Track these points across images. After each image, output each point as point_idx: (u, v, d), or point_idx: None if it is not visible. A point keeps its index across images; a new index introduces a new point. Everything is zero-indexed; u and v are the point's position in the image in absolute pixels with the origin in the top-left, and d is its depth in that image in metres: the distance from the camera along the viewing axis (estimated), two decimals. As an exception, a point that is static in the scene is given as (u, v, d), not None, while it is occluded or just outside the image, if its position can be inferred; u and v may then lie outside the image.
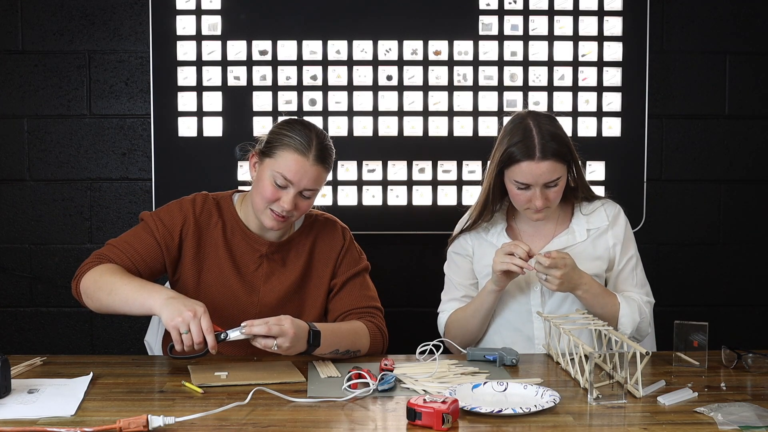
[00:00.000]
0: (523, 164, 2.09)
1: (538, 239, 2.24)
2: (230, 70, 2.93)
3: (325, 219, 2.25)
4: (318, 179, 2.04)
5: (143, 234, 2.09)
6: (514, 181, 2.13)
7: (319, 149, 2.03)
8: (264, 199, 2.04)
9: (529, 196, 2.12)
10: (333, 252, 2.19)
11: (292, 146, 2.01)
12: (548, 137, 2.10)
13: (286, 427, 1.54)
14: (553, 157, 2.09)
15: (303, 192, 2.03)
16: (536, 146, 2.09)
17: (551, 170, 2.10)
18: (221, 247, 2.12)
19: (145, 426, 1.50)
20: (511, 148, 2.11)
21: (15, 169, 2.98)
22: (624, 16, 2.98)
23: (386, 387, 1.75)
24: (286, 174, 2.01)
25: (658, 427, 1.54)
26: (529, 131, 2.11)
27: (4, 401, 1.65)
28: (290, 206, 2.01)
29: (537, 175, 2.09)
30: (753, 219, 3.11)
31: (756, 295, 3.13)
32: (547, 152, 2.08)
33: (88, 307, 2.00)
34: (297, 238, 2.18)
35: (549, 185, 2.12)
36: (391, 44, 2.95)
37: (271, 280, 2.14)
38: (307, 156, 2.01)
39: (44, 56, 2.96)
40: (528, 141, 2.09)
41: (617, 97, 3.00)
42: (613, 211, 2.26)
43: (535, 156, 2.08)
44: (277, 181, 2.02)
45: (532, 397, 1.68)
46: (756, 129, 3.08)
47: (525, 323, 2.21)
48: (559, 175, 2.12)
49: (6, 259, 3.00)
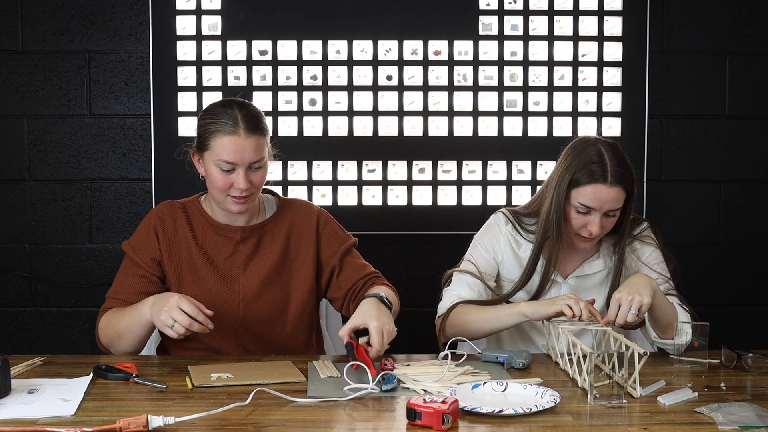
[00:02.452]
0: (591, 187, 2.04)
1: (569, 262, 2.21)
2: (230, 70, 2.93)
3: (299, 202, 2.27)
4: (258, 148, 2.05)
5: (132, 269, 2.15)
6: (577, 203, 2.07)
7: (246, 120, 2.04)
8: (219, 190, 2.07)
9: (587, 221, 2.07)
10: (311, 229, 2.20)
11: (220, 131, 2.03)
12: (618, 163, 2.05)
13: (286, 427, 1.54)
14: (621, 184, 2.05)
15: (251, 166, 2.05)
16: (609, 170, 2.03)
17: (618, 198, 2.05)
18: (193, 246, 2.15)
19: (145, 426, 1.50)
20: (581, 171, 2.05)
21: (15, 169, 2.98)
22: (624, 16, 2.98)
23: (390, 387, 1.75)
24: (227, 158, 2.02)
25: (658, 427, 1.54)
26: (602, 155, 2.06)
27: (4, 401, 1.65)
28: (245, 185, 2.04)
29: (603, 201, 2.04)
30: (753, 219, 3.11)
31: (756, 295, 3.13)
32: (616, 178, 2.04)
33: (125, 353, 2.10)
34: (271, 222, 2.20)
35: (609, 214, 2.07)
36: (391, 44, 2.95)
37: (249, 267, 2.15)
38: (238, 132, 2.02)
39: (44, 56, 2.96)
40: (601, 164, 2.04)
41: (617, 97, 3.00)
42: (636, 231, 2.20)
43: (608, 180, 2.03)
44: (223, 168, 2.04)
45: (532, 397, 1.68)
46: (756, 129, 3.08)
47: (526, 323, 2.20)
48: (621, 205, 2.07)
49: (6, 259, 3.00)
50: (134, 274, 2.13)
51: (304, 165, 2.95)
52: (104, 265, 3.01)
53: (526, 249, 2.20)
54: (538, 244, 2.15)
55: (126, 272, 2.15)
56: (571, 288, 2.18)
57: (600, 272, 2.20)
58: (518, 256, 2.21)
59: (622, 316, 1.89)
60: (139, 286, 2.12)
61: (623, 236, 2.16)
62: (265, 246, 2.18)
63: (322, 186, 2.96)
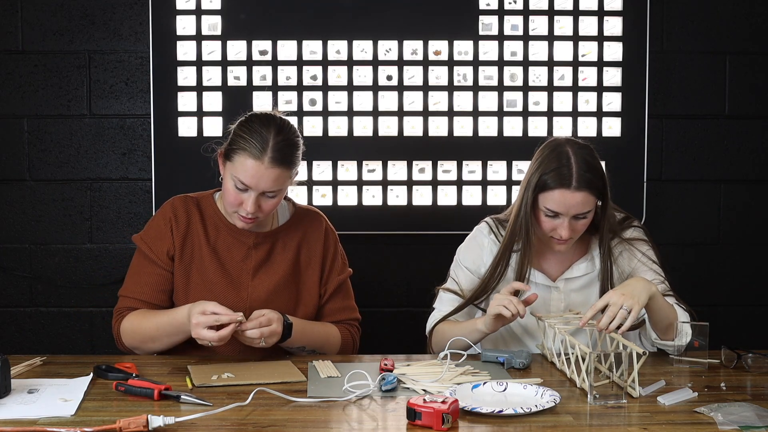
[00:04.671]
0: (557, 192, 2.03)
1: (557, 264, 2.21)
2: (230, 70, 2.93)
3: (312, 214, 2.25)
4: (277, 180, 2.01)
5: (143, 263, 2.13)
6: (544, 207, 2.07)
7: (276, 150, 1.99)
8: (229, 204, 2.06)
9: (556, 225, 2.07)
10: (319, 243, 2.20)
11: (246, 150, 1.99)
12: (585, 168, 2.04)
13: (286, 427, 1.54)
14: (588, 189, 2.03)
15: (265, 193, 2.03)
16: (573, 176, 2.03)
17: (584, 202, 2.04)
18: (204, 246, 2.13)
19: (145, 426, 1.50)
20: (547, 175, 2.04)
21: (15, 169, 2.98)
22: (624, 16, 2.98)
23: (390, 387, 1.75)
24: (243, 179, 2.00)
25: (658, 427, 1.54)
26: (568, 159, 2.05)
27: (4, 401, 1.65)
28: (252, 209, 2.01)
29: (569, 205, 2.04)
30: (753, 219, 3.11)
31: (756, 295, 3.13)
32: (582, 183, 2.03)
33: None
34: (284, 231, 2.18)
35: (578, 217, 2.06)
36: (391, 44, 2.95)
37: (258, 274, 2.14)
38: (262, 160, 1.98)
39: (44, 56, 2.96)
40: (565, 169, 2.03)
41: (617, 97, 2.99)
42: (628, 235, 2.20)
43: (571, 185, 2.02)
44: (237, 186, 2.02)
45: (532, 397, 1.68)
46: (756, 129, 3.08)
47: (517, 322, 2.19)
48: (590, 209, 2.06)
49: (6, 259, 3.00)
50: (150, 272, 2.10)
51: (304, 165, 2.94)
52: (104, 265, 3.01)
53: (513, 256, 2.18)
54: (504, 247, 2.16)
55: (140, 270, 2.12)
56: (560, 291, 2.18)
57: (589, 274, 2.19)
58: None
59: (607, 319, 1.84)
60: (157, 285, 2.10)
61: (604, 236, 2.15)
62: (277, 254, 2.16)
63: (322, 186, 2.96)
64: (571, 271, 2.19)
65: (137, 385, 1.72)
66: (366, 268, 2.86)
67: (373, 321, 2.60)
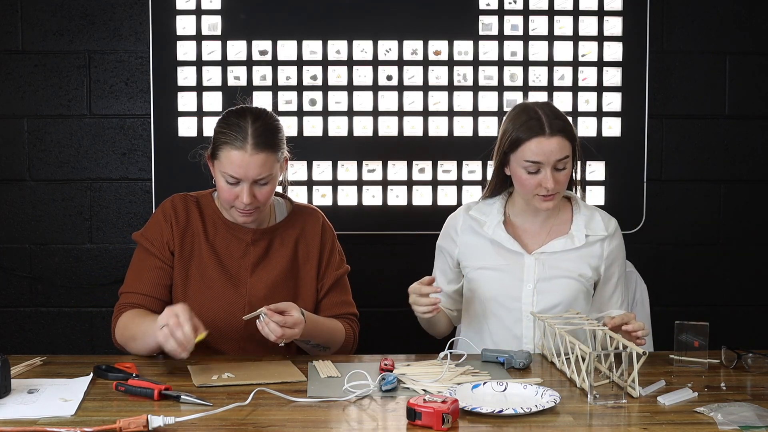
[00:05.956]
0: (533, 142, 2.09)
1: (537, 238, 2.23)
2: (230, 70, 2.93)
3: (310, 210, 2.26)
4: (264, 165, 2.02)
5: (144, 258, 2.13)
6: (524, 162, 2.11)
7: (256, 135, 2.01)
8: (226, 201, 2.07)
9: (540, 179, 2.11)
10: (316, 239, 2.20)
11: (228, 144, 2.01)
12: (553, 115, 2.12)
13: (286, 427, 1.54)
14: (561, 134, 2.10)
15: (256, 182, 2.03)
16: (545, 123, 2.10)
17: (562, 146, 2.10)
18: (203, 243, 2.13)
19: (145, 426, 1.50)
20: (519, 130, 2.11)
21: (15, 169, 2.98)
22: (624, 16, 2.98)
23: (389, 387, 1.75)
24: (231, 172, 2.01)
25: (658, 427, 1.54)
26: (535, 111, 2.13)
27: (4, 401, 1.65)
28: (248, 200, 2.02)
29: (548, 152, 2.09)
30: (753, 219, 3.11)
31: (756, 295, 3.13)
32: (555, 129, 2.10)
33: None
34: (282, 227, 2.19)
35: (558, 167, 2.11)
36: (391, 44, 2.95)
37: (257, 270, 2.14)
38: (245, 148, 2.00)
39: (44, 56, 2.96)
40: (536, 119, 2.11)
41: (617, 97, 3.00)
42: (611, 226, 2.25)
43: (546, 132, 2.09)
44: (228, 181, 2.03)
45: (532, 397, 1.68)
46: (756, 129, 3.08)
47: (515, 322, 2.19)
48: (567, 154, 2.12)
49: (6, 259, 3.00)
50: (149, 267, 2.10)
51: (303, 165, 2.94)
52: (104, 265, 3.01)
53: (491, 225, 2.23)
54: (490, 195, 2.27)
55: (140, 265, 2.12)
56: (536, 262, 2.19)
57: (567, 251, 2.21)
58: (482, 235, 2.24)
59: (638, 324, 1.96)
60: (156, 279, 2.10)
61: (574, 189, 2.26)
62: (275, 251, 2.17)
63: (322, 186, 2.96)
64: (550, 246, 2.22)
65: (137, 385, 1.72)
66: (366, 268, 2.86)
67: (373, 321, 2.60)
